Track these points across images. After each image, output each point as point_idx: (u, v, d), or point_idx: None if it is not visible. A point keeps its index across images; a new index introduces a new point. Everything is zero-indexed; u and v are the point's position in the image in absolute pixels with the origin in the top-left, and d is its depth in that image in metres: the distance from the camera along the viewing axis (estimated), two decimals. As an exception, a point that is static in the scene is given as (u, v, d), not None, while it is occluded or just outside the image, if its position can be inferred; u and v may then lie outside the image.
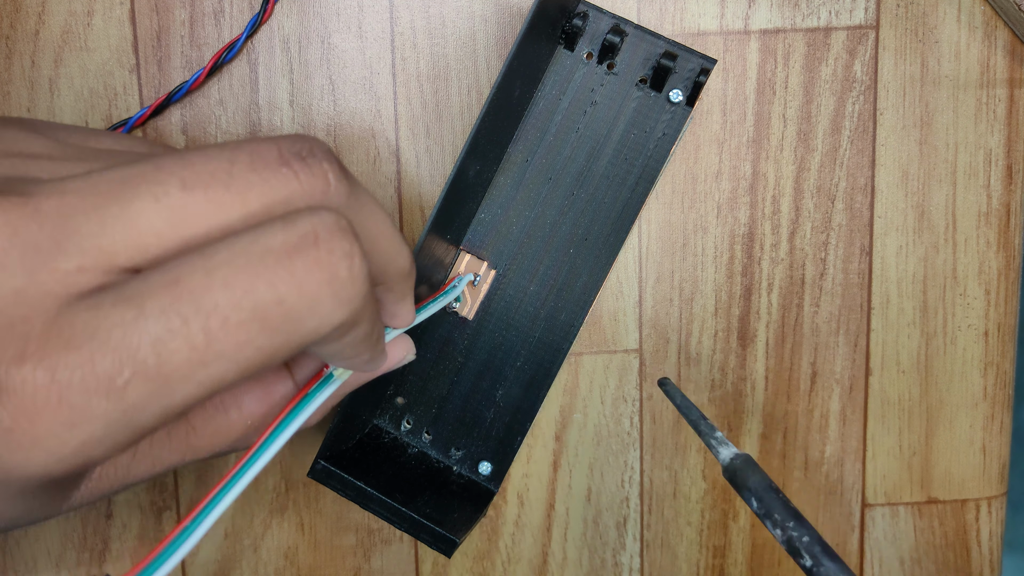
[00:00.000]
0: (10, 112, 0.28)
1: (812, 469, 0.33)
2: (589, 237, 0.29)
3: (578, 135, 0.29)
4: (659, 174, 0.29)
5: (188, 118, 0.29)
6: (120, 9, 0.28)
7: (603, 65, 0.29)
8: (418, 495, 0.28)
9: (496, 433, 0.30)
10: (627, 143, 0.29)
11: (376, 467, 0.28)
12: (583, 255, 0.29)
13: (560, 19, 0.28)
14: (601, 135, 0.29)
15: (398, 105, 0.30)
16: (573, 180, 0.29)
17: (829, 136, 0.31)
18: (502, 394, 0.30)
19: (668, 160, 0.29)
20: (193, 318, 0.16)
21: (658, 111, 0.29)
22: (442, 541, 0.27)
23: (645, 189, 0.29)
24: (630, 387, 0.31)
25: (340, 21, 0.29)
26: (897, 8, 0.30)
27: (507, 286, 0.30)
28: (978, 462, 0.33)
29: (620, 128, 0.29)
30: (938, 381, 0.32)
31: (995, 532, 0.34)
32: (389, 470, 0.29)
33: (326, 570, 0.32)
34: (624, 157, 0.29)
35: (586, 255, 0.29)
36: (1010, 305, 0.32)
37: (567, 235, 0.29)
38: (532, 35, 0.25)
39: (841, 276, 0.32)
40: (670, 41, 0.28)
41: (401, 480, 0.28)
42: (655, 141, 0.29)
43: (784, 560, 0.33)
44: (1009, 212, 0.32)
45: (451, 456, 0.30)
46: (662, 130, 0.29)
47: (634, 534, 0.32)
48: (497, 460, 0.30)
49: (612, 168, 0.29)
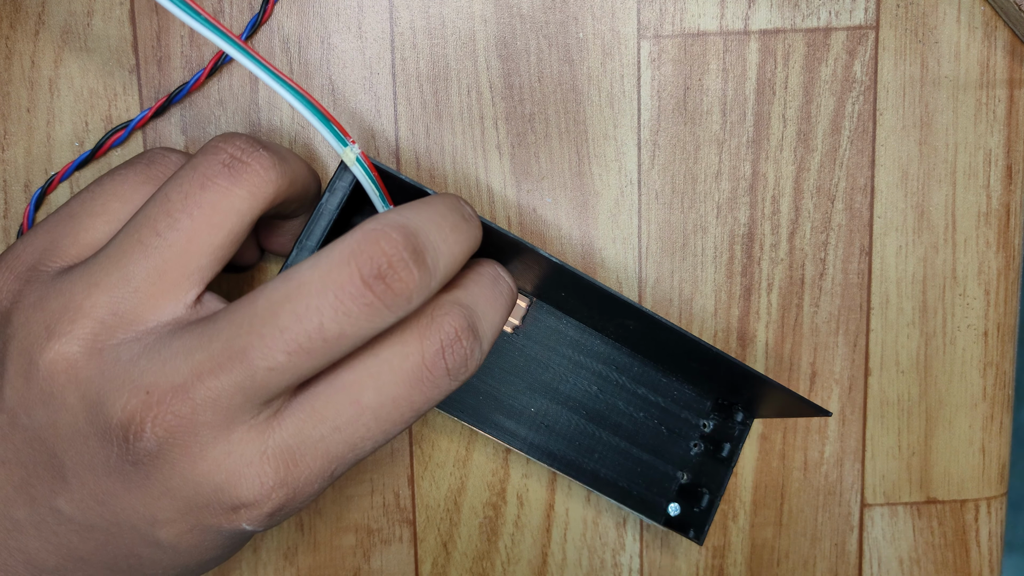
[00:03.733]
0: (9, 112, 0.29)
1: (811, 469, 0.33)
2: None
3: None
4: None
5: (188, 118, 0.29)
6: (120, 9, 0.28)
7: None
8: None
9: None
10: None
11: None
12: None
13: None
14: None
15: (398, 105, 0.30)
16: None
17: (829, 136, 0.31)
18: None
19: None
20: (374, 425, 0.22)
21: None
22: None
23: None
24: (630, 387, 0.31)
25: (340, 21, 0.29)
26: (897, 8, 0.30)
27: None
28: (978, 462, 0.33)
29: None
30: (937, 381, 0.32)
31: (995, 532, 0.34)
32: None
33: (326, 570, 0.32)
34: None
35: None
36: (1010, 305, 0.32)
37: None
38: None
39: (841, 276, 0.32)
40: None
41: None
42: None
43: (784, 560, 0.33)
44: (1009, 212, 0.32)
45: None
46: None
47: (634, 534, 0.32)
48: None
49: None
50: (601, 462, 0.30)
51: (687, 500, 0.30)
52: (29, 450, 0.22)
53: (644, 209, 0.31)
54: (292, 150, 0.26)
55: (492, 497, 0.32)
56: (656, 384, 0.30)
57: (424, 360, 0.22)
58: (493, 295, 0.24)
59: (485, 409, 0.29)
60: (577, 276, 0.25)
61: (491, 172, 0.30)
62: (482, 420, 0.29)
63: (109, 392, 0.21)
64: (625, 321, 0.28)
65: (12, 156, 0.29)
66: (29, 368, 0.21)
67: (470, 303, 0.23)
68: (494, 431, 0.30)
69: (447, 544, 0.32)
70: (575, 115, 0.30)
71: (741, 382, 0.28)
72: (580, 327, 0.30)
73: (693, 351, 0.27)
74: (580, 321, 0.29)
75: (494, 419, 0.30)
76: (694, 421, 0.30)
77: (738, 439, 0.30)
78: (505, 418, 0.30)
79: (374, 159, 0.24)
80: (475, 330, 0.22)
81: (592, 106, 0.30)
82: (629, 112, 0.30)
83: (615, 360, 0.30)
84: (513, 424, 0.30)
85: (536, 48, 0.30)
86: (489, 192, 0.30)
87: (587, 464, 0.30)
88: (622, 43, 0.30)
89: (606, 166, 0.30)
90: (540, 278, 0.28)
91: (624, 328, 0.28)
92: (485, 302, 0.23)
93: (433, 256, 0.21)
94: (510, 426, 0.30)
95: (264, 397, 0.21)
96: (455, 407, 0.29)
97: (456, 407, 0.29)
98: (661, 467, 0.30)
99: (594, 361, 0.30)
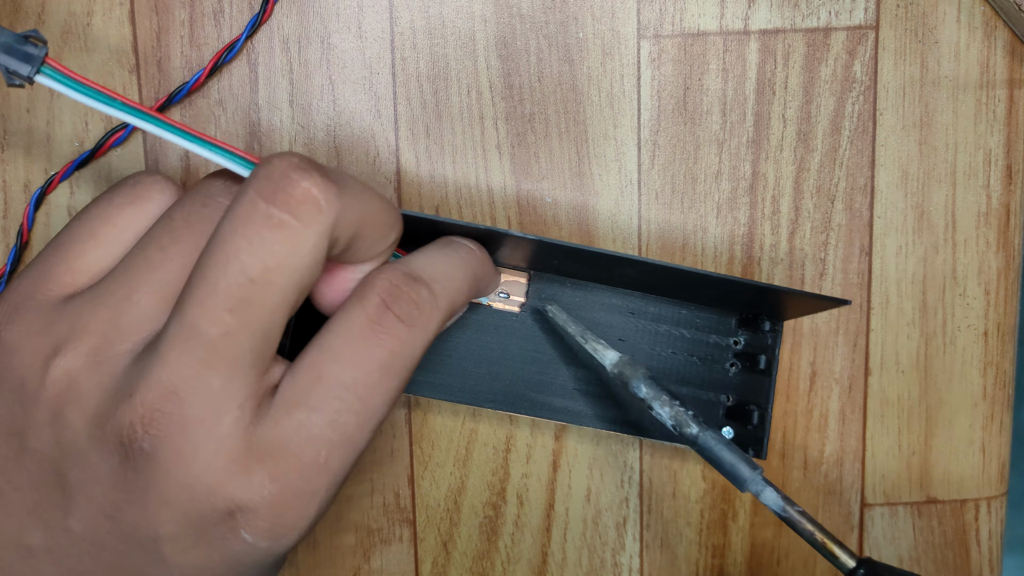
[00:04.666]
0: (9, 112, 0.29)
1: (811, 469, 0.33)
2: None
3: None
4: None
5: (188, 118, 0.29)
6: (120, 9, 0.28)
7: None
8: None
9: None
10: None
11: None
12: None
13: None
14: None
15: (398, 105, 0.30)
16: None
17: (829, 136, 0.31)
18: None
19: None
20: (345, 395, 0.21)
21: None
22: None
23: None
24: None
25: (340, 21, 0.29)
26: (897, 8, 0.30)
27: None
28: (978, 462, 0.33)
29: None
30: (937, 381, 0.32)
31: (995, 532, 0.34)
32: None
33: (325, 570, 0.32)
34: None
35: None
36: (1010, 305, 0.32)
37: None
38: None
39: (841, 276, 0.32)
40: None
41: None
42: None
43: (784, 560, 0.33)
44: (1009, 212, 0.32)
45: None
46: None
47: (634, 534, 0.32)
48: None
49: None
50: (642, 411, 0.29)
51: (738, 421, 0.30)
52: (40, 473, 0.22)
53: (644, 209, 0.31)
54: (367, 183, 0.24)
55: (492, 497, 0.32)
56: (676, 318, 0.30)
57: (368, 315, 0.22)
58: (438, 248, 0.24)
59: (516, 392, 0.29)
60: (553, 244, 0.25)
61: (491, 172, 0.30)
62: (516, 403, 0.29)
63: (105, 402, 0.21)
64: (624, 271, 0.28)
65: (12, 156, 0.29)
66: (38, 390, 0.22)
67: (408, 259, 0.24)
68: (534, 410, 0.29)
69: (447, 544, 0.32)
70: (575, 115, 0.30)
71: (756, 297, 0.28)
72: (585, 286, 0.29)
73: (699, 282, 0.27)
74: (584, 280, 0.29)
75: (531, 398, 0.29)
76: (723, 343, 0.30)
77: (772, 347, 0.29)
78: (539, 395, 0.29)
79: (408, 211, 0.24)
80: (416, 276, 0.23)
81: (592, 106, 0.30)
82: (629, 112, 0.30)
83: (629, 307, 0.30)
84: (549, 398, 0.29)
85: (536, 48, 0.30)
86: (489, 192, 0.30)
87: (631, 416, 0.29)
88: (622, 43, 0.30)
89: (606, 166, 0.30)
90: (526, 256, 0.28)
91: (627, 276, 0.28)
92: (428, 255, 0.24)
93: (333, 173, 0.21)
94: (548, 401, 0.29)
95: (241, 376, 0.21)
96: (486, 399, 0.29)
97: (487, 399, 0.29)
98: (704, 396, 0.30)
99: (608, 313, 0.29)
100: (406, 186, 0.30)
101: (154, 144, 0.29)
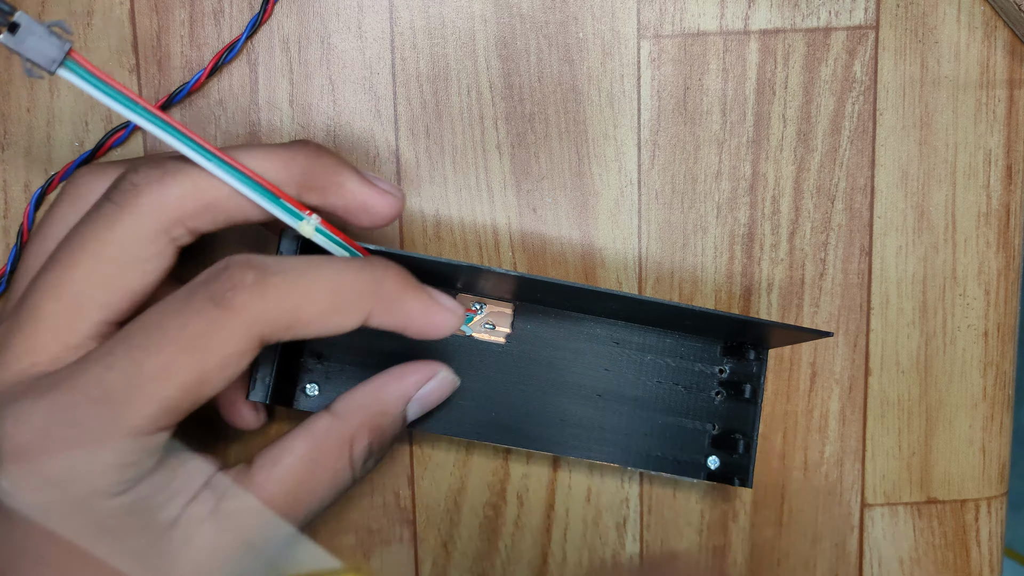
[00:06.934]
0: (9, 112, 0.29)
1: (811, 469, 0.33)
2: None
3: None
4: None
5: (188, 118, 0.29)
6: (120, 9, 0.28)
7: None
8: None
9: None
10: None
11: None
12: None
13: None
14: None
15: (398, 105, 0.30)
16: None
17: (829, 136, 0.31)
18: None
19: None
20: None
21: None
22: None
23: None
24: (630, 387, 0.31)
25: (340, 21, 0.29)
26: (897, 8, 0.30)
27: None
28: (978, 462, 0.33)
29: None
30: (938, 381, 0.32)
31: (995, 532, 0.34)
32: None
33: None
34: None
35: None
36: (1010, 305, 0.32)
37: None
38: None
39: (841, 276, 0.32)
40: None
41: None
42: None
43: (784, 560, 0.33)
44: (1009, 212, 0.32)
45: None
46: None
47: (634, 534, 0.32)
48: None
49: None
50: (630, 438, 0.30)
51: (724, 449, 0.30)
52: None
53: (644, 209, 0.31)
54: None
55: (492, 497, 0.32)
56: (661, 347, 0.30)
57: (191, 292, 0.22)
58: (325, 257, 0.24)
59: (503, 424, 0.29)
60: (535, 280, 0.26)
61: (491, 172, 0.30)
62: (504, 435, 0.29)
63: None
64: (607, 303, 0.28)
65: (12, 156, 0.29)
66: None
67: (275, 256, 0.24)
68: (523, 442, 0.29)
69: (447, 544, 0.32)
70: (575, 115, 0.30)
71: (740, 328, 0.28)
72: (571, 316, 0.30)
73: (682, 314, 0.27)
74: (569, 311, 0.29)
75: (519, 429, 0.29)
76: (709, 371, 0.30)
77: (757, 376, 0.29)
78: (527, 426, 0.29)
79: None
80: (245, 263, 0.22)
81: (592, 106, 0.30)
82: (629, 112, 0.30)
83: (613, 336, 0.30)
84: (538, 429, 0.29)
85: (536, 48, 0.30)
86: (489, 192, 0.30)
87: (617, 444, 0.30)
88: (622, 43, 0.30)
89: (606, 166, 0.30)
90: (511, 289, 0.28)
91: (610, 308, 0.28)
92: (267, 258, 0.24)
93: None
94: (537, 432, 0.29)
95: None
96: (473, 431, 0.29)
97: (473, 431, 0.29)
98: (689, 425, 0.30)
99: (593, 343, 0.30)
100: (406, 186, 0.30)
101: (154, 144, 0.29)
